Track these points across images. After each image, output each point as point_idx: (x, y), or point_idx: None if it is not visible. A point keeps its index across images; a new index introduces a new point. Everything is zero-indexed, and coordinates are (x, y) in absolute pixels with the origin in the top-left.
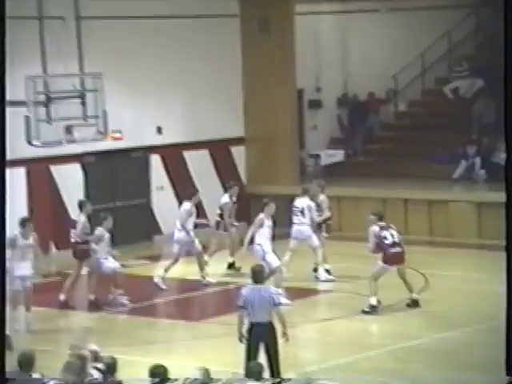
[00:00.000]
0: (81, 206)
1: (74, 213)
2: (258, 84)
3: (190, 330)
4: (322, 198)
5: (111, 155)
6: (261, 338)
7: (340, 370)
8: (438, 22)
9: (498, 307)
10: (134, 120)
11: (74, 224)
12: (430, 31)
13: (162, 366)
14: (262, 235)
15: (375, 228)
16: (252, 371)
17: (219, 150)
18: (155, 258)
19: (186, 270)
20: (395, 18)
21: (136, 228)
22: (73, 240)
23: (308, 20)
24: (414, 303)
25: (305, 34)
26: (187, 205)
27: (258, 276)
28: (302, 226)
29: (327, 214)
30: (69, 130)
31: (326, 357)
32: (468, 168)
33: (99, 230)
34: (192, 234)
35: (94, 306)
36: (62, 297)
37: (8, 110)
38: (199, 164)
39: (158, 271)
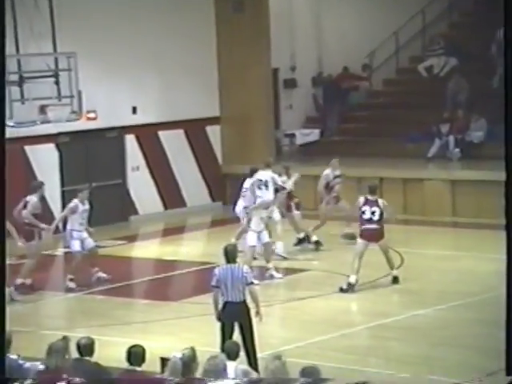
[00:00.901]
0: (34, 187)
1: (48, 193)
2: (232, 63)
3: (167, 310)
4: (284, 179)
5: (86, 135)
6: (234, 316)
7: (316, 348)
8: (411, 0)
9: (472, 284)
10: (109, 100)
11: (26, 204)
12: (404, 10)
13: (140, 346)
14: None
15: (360, 199)
16: (229, 351)
17: (194, 130)
18: (131, 239)
19: (162, 250)
20: None
21: (112, 209)
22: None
23: None
24: (395, 280)
25: (279, 12)
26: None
27: (231, 255)
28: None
29: (287, 188)
30: (43, 109)
31: (303, 335)
32: (442, 146)
33: (73, 202)
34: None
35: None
36: (19, 281)
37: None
38: (175, 144)
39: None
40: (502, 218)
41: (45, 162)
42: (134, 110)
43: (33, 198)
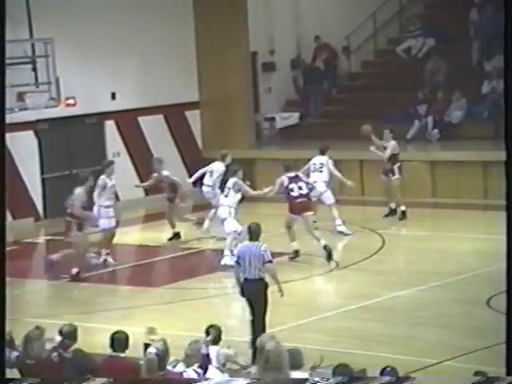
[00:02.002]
0: (82, 179)
1: (29, 181)
2: (211, 47)
3: (150, 296)
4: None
5: (65, 122)
6: (249, 293)
7: (298, 331)
8: None
9: (452, 264)
10: (88, 86)
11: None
12: None
13: (123, 332)
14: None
15: (284, 179)
16: (211, 336)
17: (174, 115)
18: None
19: (143, 235)
20: None
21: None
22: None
23: None
24: (295, 253)
25: None
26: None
27: (254, 233)
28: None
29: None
30: (21, 96)
31: (284, 319)
32: (421, 128)
33: (101, 179)
34: None
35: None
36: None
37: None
38: (154, 129)
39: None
40: (481, 198)
41: (24, 149)
42: (113, 95)
43: (78, 191)
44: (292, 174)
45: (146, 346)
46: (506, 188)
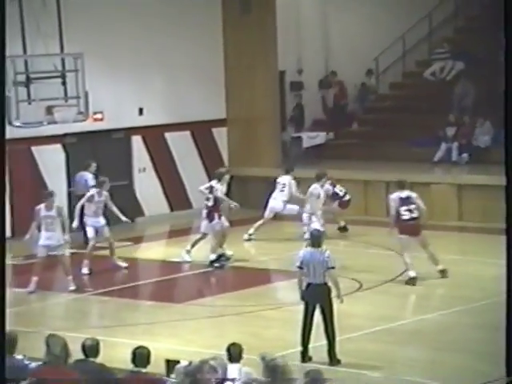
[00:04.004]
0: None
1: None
2: (239, 65)
3: (172, 312)
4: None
5: (92, 136)
6: (316, 298)
7: (321, 351)
8: (418, 4)
9: (476, 289)
10: (116, 101)
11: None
12: (411, 14)
13: (145, 348)
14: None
15: (396, 199)
16: (231, 353)
17: (201, 132)
18: (137, 240)
19: (167, 251)
20: (376, 0)
21: (118, 210)
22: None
23: (290, 2)
24: (442, 273)
25: (286, 15)
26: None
27: (316, 240)
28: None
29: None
30: (49, 110)
31: (310, 338)
32: (448, 151)
33: (91, 191)
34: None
35: None
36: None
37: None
38: (181, 145)
39: None
40: None
41: (51, 162)
42: (141, 111)
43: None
44: (404, 195)
45: (168, 362)
46: (506, 212)
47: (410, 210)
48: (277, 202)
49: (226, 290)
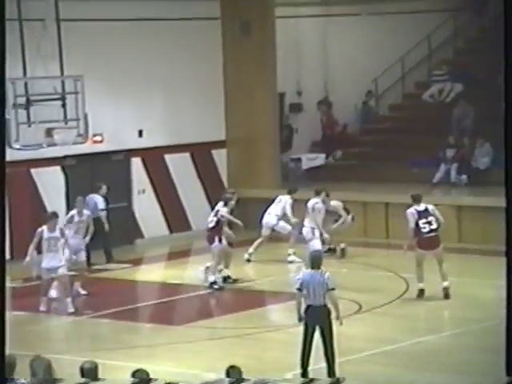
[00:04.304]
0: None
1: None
2: (239, 87)
3: (172, 334)
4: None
5: (92, 158)
6: (315, 320)
7: (320, 374)
8: (417, 26)
9: (476, 311)
10: (115, 123)
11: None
12: (410, 35)
13: (144, 371)
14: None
15: (413, 212)
16: (232, 377)
17: (200, 153)
18: (137, 262)
19: (167, 273)
20: (375, 22)
21: (117, 232)
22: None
23: (289, 24)
24: (445, 291)
25: (286, 37)
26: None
27: (315, 261)
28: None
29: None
30: (49, 132)
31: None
32: (447, 172)
33: (70, 213)
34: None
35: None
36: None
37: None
38: (180, 167)
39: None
40: None
41: (51, 184)
42: (140, 133)
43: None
44: (421, 208)
45: None
46: (506, 233)
47: (429, 223)
48: (270, 216)
49: (224, 312)
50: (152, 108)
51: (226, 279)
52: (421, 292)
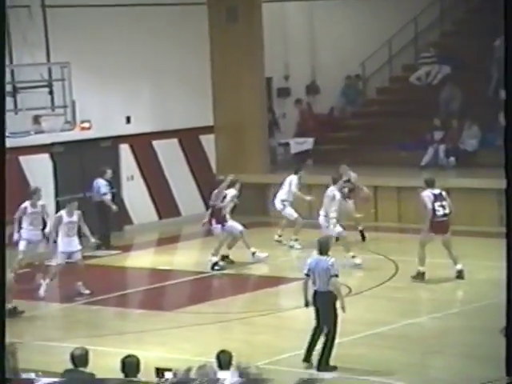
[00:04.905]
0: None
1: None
2: (226, 72)
3: (162, 320)
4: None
5: (80, 145)
6: (319, 304)
7: (312, 356)
8: (404, 8)
9: (467, 292)
10: (103, 109)
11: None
12: (397, 18)
13: (135, 356)
14: None
15: (429, 195)
16: (221, 360)
17: (189, 139)
18: (126, 248)
19: (156, 259)
20: (362, 6)
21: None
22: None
23: (276, 8)
24: (459, 274)
25: (272, 22)
26: (293, 178)
27: (323, 247)
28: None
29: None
30: (37, 120)
31: (298, 344)
32: (435, 154)
33: (59, 213)
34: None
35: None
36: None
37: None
38: (169, 153)
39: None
40: (497, 225)
41: (39, 172)
42: (128, 119)
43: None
44: (437, 191)
45: (158, 370)
46: (506, 215)
47: (442, 206)
48: (277, 201)
49: (215, 298)
50: (139, 94)
51: (223, 258)
52: (421, 275)
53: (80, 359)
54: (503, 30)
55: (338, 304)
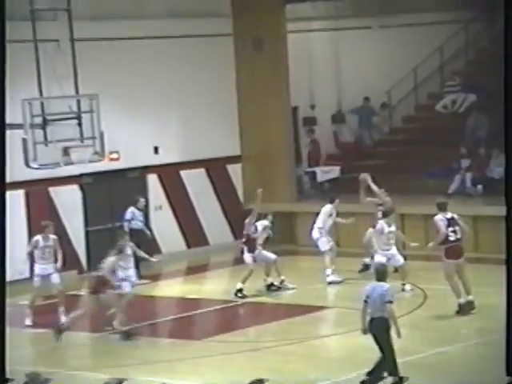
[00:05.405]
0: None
1: (72, 233)
2: (252, 102)
3: (191, 349)
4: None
5: (109, 176)
6: (374, 331)
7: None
8: (429, 37)
9: (496, 320)
10: (131, 140)
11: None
12: (422, 47)
13: None
14: None
15: (442, 219)
16: None
17: (216, 169)
18: (155, 278)
19: (185, 288)
20: (387, 35)
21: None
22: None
23: (301, 38)
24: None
25: (298, 51)
26: (328, 207)
27: (379, 274)
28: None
29: None
30: (66, 151)
31: (327, 374)
32: (462, 182)
33: (35, 237)
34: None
35: None
36: None
37: (6, 133)
38: (196, 183)
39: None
40: None
41: (68, 202)
42: (156, 149)
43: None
44: (449, 216)
45: None
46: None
47: (455, 232)
48: (314, 230)
49: (243, 326)
50: (167, 125)
51: (269, 287)
52: (469, 304)
53: None
54: None
55: (393, 330)
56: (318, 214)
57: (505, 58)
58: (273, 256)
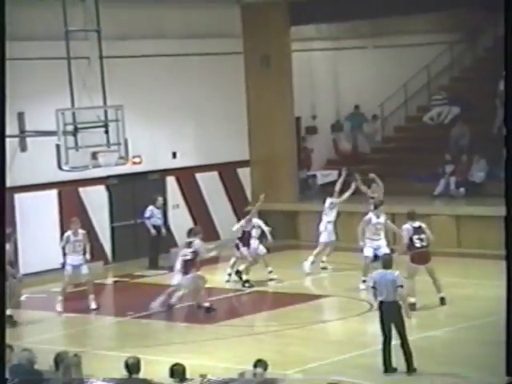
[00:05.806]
0: None
1: (99, 228)
2: (260, 113)
3: (204, 333)
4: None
5: (132, 178)
6: (390, 318)
7: (338, 366)
8: (418, 57)
9: (476, 308)
10: (152, 146)
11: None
12: (412, 65)
13: (181, 365)
14: None
15: (409, 228)
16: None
17: (227, 172)
18: (172, 268)
19: None
20: (381, 54)
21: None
22: None
23: (304, 56)
24: (442, 300)
25: (301, 68)
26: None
27: (387, 262)
28: None
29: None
30: (94, 156)
31: (326, 355)
32: (446, 185)
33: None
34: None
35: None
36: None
37: (42, 140)
38: (210, 184)
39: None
40: (502, 249)
41: (96, 201)
42: (174, 154)
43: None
44: (416, 225)
45: (202, 376)
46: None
47: (420, 239)
48: (321, 223)
49: (251, 312)
50: (184, 132)
51: (244, 282)
52: (412, 306)
53: (133, 367)
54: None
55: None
56: (318, 212)
57: (505, 58)
58: (263, 250)
